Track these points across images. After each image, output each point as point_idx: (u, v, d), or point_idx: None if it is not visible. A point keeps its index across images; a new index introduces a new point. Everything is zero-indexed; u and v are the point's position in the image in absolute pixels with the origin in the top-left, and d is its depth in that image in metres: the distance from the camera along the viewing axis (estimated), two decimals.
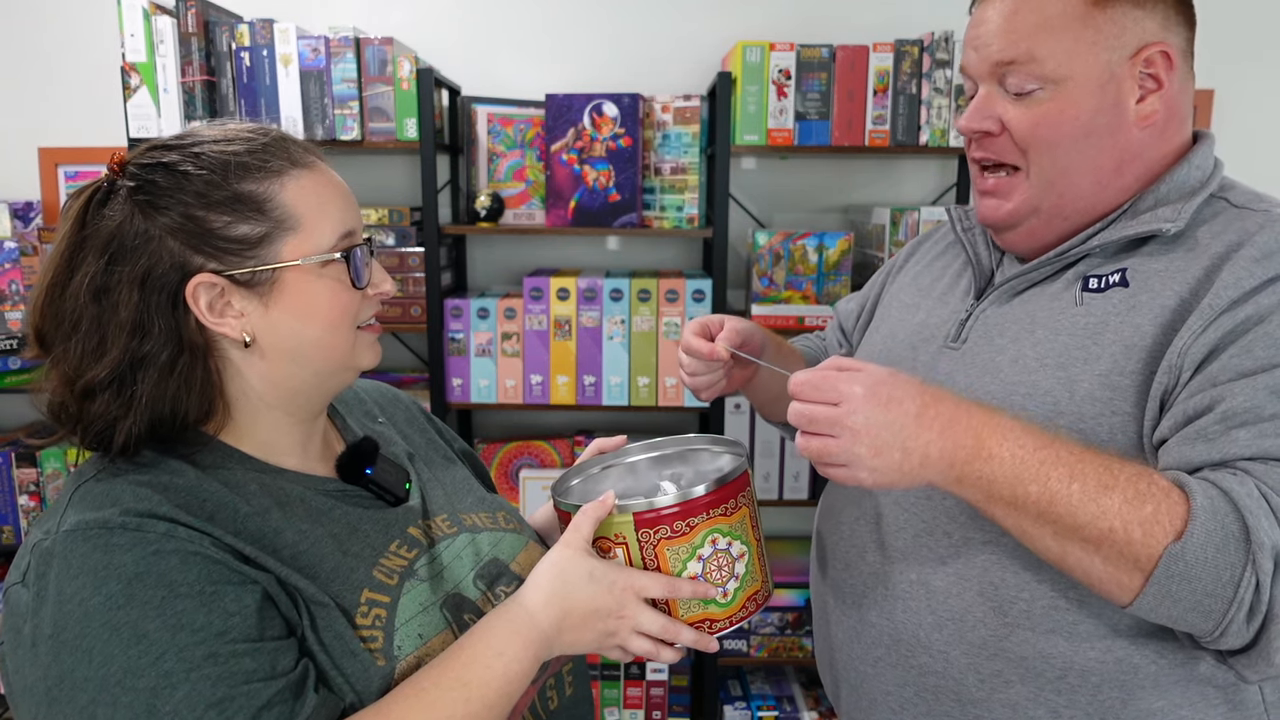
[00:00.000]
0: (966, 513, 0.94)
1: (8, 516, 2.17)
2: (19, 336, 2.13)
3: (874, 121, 2.07)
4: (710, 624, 0.89)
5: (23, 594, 0.74)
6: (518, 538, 1.01)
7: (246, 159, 0.82)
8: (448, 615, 0.88)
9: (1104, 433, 0.86)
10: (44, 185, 2.34)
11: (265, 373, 0.85)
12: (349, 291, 0.86)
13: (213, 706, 0.70)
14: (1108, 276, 0.92)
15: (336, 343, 0.86)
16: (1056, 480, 0.79)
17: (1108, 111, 0.92)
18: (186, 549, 0.74)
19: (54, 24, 2.31)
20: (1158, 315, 0.87)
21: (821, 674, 1.19)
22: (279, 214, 0.82)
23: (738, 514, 0.89)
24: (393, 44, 2.03)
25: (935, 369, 1.02)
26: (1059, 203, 0.96)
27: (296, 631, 0.78)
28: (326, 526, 0.85)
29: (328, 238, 0.84)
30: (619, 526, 0.87)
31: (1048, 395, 0.90)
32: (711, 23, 2.31)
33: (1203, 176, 0.95)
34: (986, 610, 0.93)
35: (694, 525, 0.87)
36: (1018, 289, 0.99)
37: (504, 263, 2.44)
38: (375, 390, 1.12)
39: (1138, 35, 0.91)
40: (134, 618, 0.70)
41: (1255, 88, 2.32)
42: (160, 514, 0.75)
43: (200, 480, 0.80)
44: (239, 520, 0.79)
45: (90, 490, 0.77)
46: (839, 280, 2.14)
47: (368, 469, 0.92)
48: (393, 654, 0.81)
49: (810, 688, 2.35)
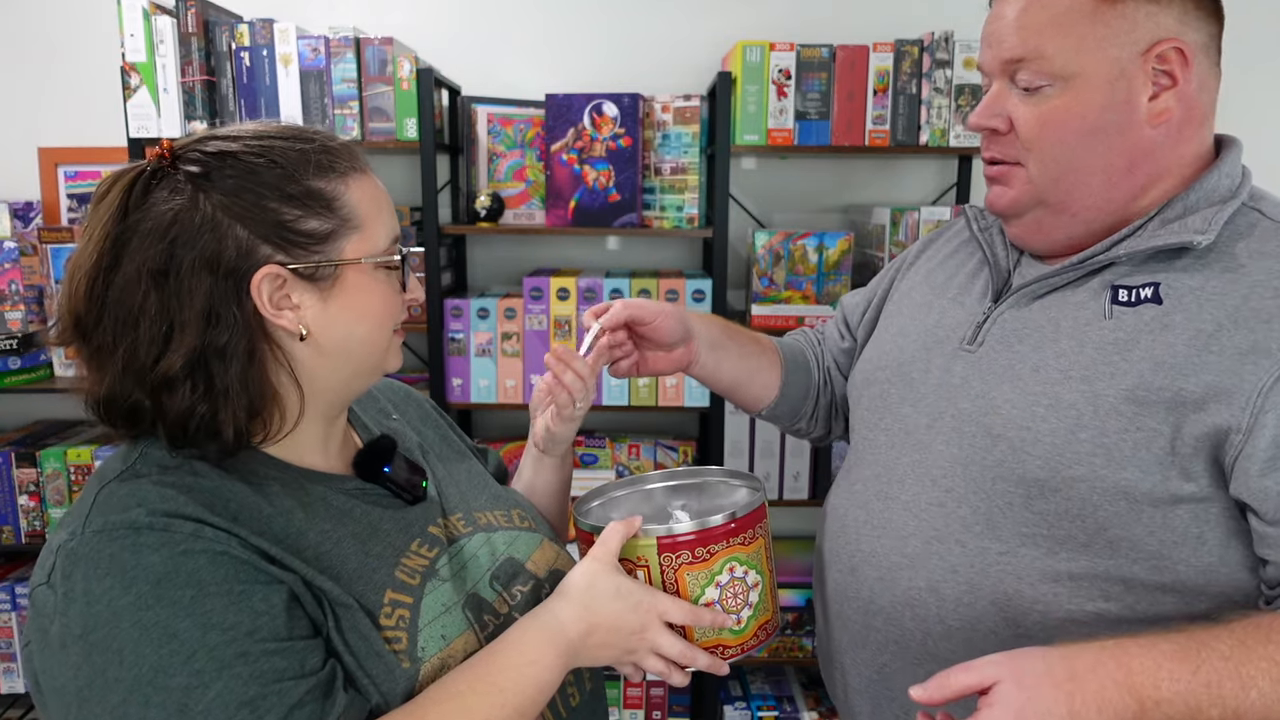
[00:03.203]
0: (982, 522, 0.93)
1: (8, 516, 2.17)
2: (18, 336, 2.13)
3: (874, 121, 2.07)
4: (723, 649, 0.92)
5: (49, 595, 0.74)
6: (532, 536, 1.01)
7: (320, 157, 0.84)
8: (469, 616, 0.88)
9: (1128, 448, 0.85)
10: (44, 185, 2.34)
11: (310, 368, 0.85)
12: (397, 294, 0.89)
13: (245, 705, 0.70)
14: (1139, 290, 0.90)
15: (379, 341, 0.88)
16: (1231, 696, 0.77)
17: (1118, 108, 0.90)
18: (214, 549, 0.74)
19: (54, 24, 2.31)
20: (1193, 338, 0.85)
21: (825, 677, 1.18)
22: (345, 213, 0.84)
23: (755, 544, 0.93)
24: (393, 44, 2.03)
25: (951, 371, 1.00)
26: (1065, 199, 0.94)
27: (322, 632, 0.78)
28: (348, 527, 0.85)
29: (383, 240, 0.87)
30: (642, 549, 0.90)
31: (1071, 409, 0.88)
32: (711, 23, 2.31)
33: (1233, 185, 0.92)
34: (999, 621, 0.92)
35: (714, 552, 0.90)
36: (1038, 293, 0.97)
37: (504, 263, 2.44)
38: (388, 387, 1.12)
39: (1151, 31, 0.88)
40: (164, 617, 0.70)
41: (1255, 88, 2.32)
42: (187, 514, 0.74)
43: (223, 481, 0.80)
44: (263, 521, 0.79)
45: (114, 491, 0.77)
46: (839, 280, 2.13)
47: (385, 467, 0.92)
48: (417, 655, 0.81)
49: (810, 688, 2.34)
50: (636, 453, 2.26)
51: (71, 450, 2.15)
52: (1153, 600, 0.87)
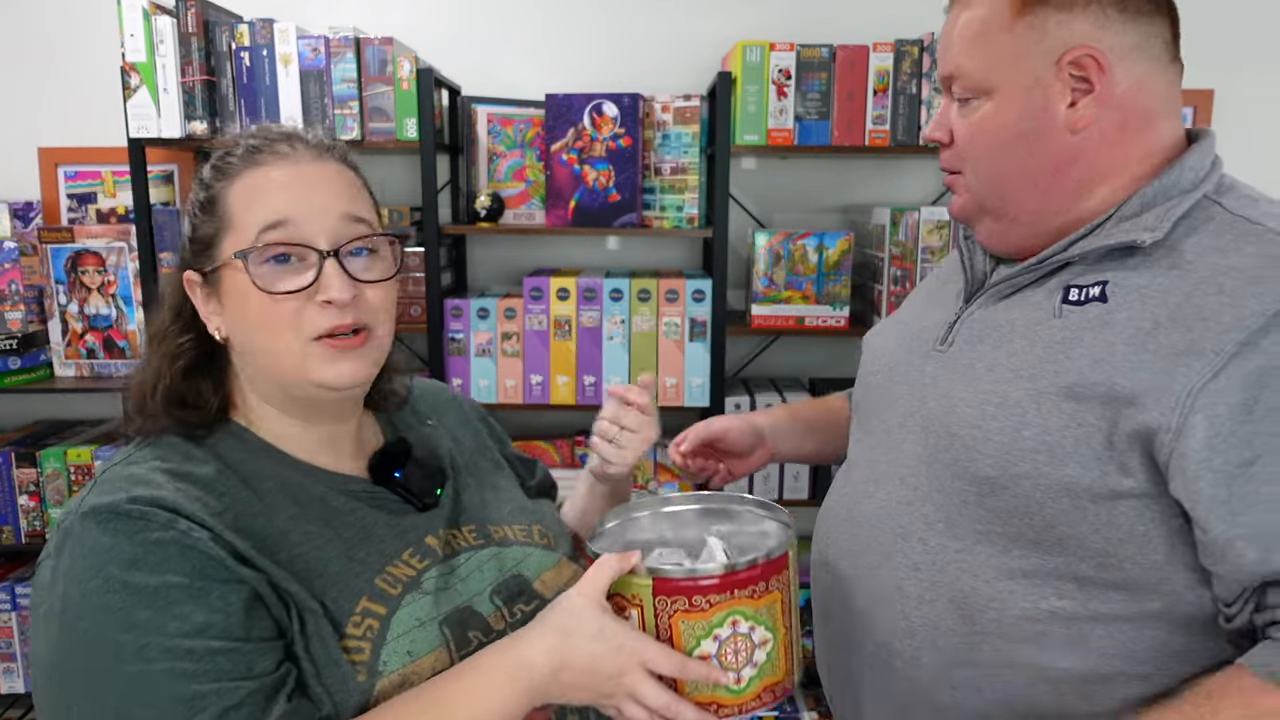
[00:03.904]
0: (943, 521, 0.94)
1: (8, 516, 2.17)
2: (19, 336, 2.13)
3: (874, 121, 2.07)
4: (718, 708, 0.83)
5: (45, 570, 0.78)
6: (548, 554, 0.98)
7: (221, 161, 0.86)
8: (447, 632, 0.85)
9: (1069, 444, 0.85)
10: (44, 185, 2.34)
11: (247, 372, 0.88)
12: (260, 294, 0.81)
13: (183, 701, 0.71)
14: (1088, 289, 0.90)
15: (276, 349, 0.83)
16: None
17: (1035, 116, 0.91)
18: (183, 541, 0.75)
19: (54, 24, 2.31)
20: (1132, 336, 0.85)
21: (820, 676, 1.19)
22: (222, 213, 0.84)
23: (767, 598, 0.83)
24: (393, 44, 2.03)
25: (923, 372, 1.01)
26: (1000, 205, 0.97)
27: (286, 635, 0.78)
28: (338, 529, 0.85)
29: (251, 232, 0.82)
30: (637, 588, 0.83)
31: (1016, 406, 0.89)
32: (711, 23, 2.31)
33: (1196, 178, 0.91)
34: (956, 619, 0.92)
35: (714, 603, 0.81)
36: (1004, 293, 0.98)
37: (504, 263, 2.44)
38: (431, 390, 1.11)
39: (1062, 39, 0.89)
40: (127, 604, 0.73)
41: (1255, 88, 2.32)
42: (165, 504, 0.76)
43: (220, 473, 0.82)
44: (247, 517, 0.80)
45: (113, 474, 0.80)
46: (839, 280, 2.14)
47: (396, 471, 0.91)
48: (376, 669, 0.79)
49: (810, 688, 2.34)
50: None
51: (71, 450, 2.15)
52: (1105, 598, 0.87)
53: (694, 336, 2.12)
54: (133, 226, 2.09)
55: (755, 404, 2.21)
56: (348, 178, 0.88)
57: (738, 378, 2.42)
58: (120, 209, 2.33)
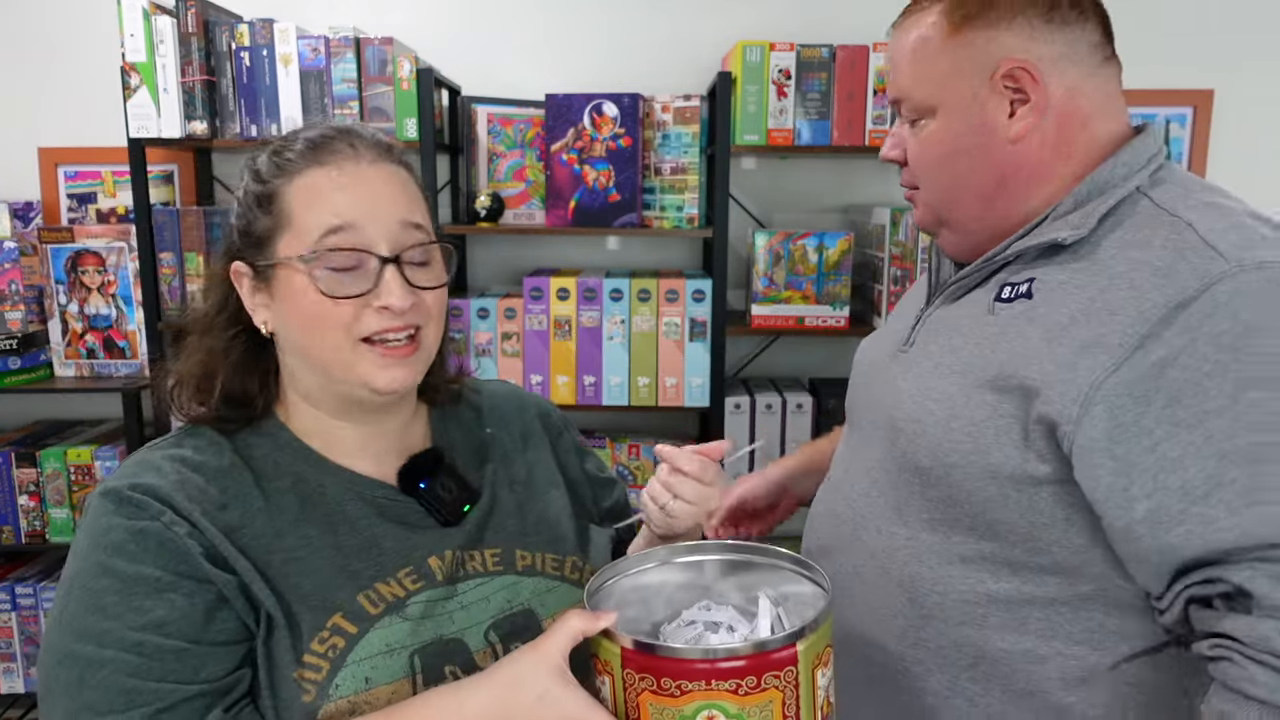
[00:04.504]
0: (894, 509, 0.99)
1: (7, 516, 2.17)
2: (19, 336, 2.13)
3: (874, 121, 2.07)
4: None
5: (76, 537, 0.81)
6: (571, 591, 0.92)
7: (278, 158, 0.86)
8: (417, 663, 0.81)
9: (991, 434, 0.88)
10: (44, 185, 2.34)
11: (290, 366, 0.89)
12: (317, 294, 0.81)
13: (124, 693, 0.73)
14: (1018, 286, 0.93)
15: (324, 349, 0.83)
16: None
17: (975, 132, 0.94)
18: (164, 534, 0.77)
19: (54, 24, 2.31)
20: (1047, 330, 0.87)
21: None
22: (281, 211, 0.84)
23: (759, 696, 0.68)
24: (393, 44, 2.03)
25: (890, 372, 1.05)
26: (951, 217, 1.01)
27: (253, 639, 0.78)
28: (341, 536, 0.84)
29: (313, 235, 0.82)
30: (609, 654, 0.72)
31: (948, 399, 0.93)
32: (711, 23, 2.31)
33: (1127, 173, 0.91)
34: (904, 602, 0.97)
35: (685, 690, 0.68)
36: (956, 294, 1.02)
37: (504, 263, 2.44)
38: (505, 398, 1.07)
39: (994, 54, 0.92)
40: (102, 586, 0.75)
41: (1255, 88, 2.32)
42: (160, 494, 0.78)
43: (234, 466, 0.84)
44: (245, 513, 0.81)
45: (138, 458, 0.84)
46: (839, 280, 2.14)
47: (422, 483, 0.90)
48: (327, 692, 0.77)
49: None
50: (637, 453, 2.26)
51: (71, 450, 2.15)
52: (1039, 582, 0.90)
53: (694, 336, 2.12)
54: (133, 226, 2.09)
55: (755, 404, 2.21)
56: (406, 181, 0.88)
57: (738, 378, 2.42)
58: (120, 209, 2.33)
